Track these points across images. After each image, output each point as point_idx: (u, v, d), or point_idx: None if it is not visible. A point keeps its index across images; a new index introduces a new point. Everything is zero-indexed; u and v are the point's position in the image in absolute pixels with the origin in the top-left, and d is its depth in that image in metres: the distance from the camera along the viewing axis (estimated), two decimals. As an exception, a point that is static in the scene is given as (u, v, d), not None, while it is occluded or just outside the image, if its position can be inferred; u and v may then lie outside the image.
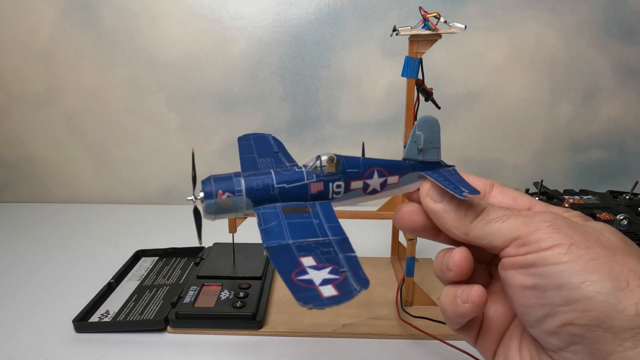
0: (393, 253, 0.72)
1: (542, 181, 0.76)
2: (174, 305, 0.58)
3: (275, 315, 0.58)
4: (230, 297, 0.59)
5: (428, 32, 0.50)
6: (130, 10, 0.90)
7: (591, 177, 1.00)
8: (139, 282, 0.66)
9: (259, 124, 0.96)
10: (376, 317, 0.58)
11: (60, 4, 0.89)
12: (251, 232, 0.32)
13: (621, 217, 0.63)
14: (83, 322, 0.56)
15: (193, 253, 0.73)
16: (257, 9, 0.90)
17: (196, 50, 0.92)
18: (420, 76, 0.53)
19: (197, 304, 0.58)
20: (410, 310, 0.58)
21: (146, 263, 0.72)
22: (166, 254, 0.74)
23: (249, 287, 0.61)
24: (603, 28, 0.91)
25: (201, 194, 0.33)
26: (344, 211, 0.58)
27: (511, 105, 0.96)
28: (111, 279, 0.64)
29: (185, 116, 0.96)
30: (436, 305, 0.58)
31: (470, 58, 0.93)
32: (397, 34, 0.51)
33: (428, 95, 0.54)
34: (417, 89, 0.54)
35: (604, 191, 0.75)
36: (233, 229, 0.60)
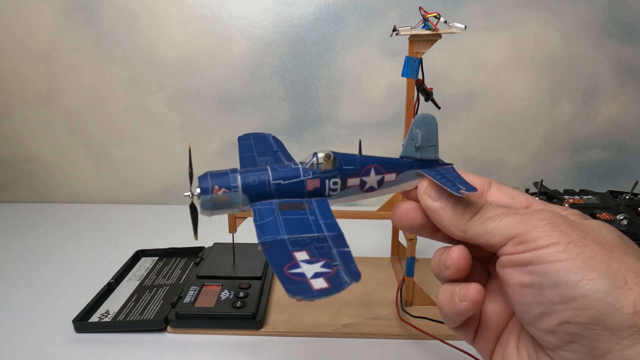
0: (393, 253, 0.72)
1: (542, 181, 0.76)
2: (174, 305, 0.58)
3: (275, 315, 0.58)
4: (230, 297, 0.59)
5: (428, 32, 0.50)
6: (130, 10, 0.90)
7: (591, 177, 1.00)
8: (139, 282, 0.66)
9: (259, 124, 0.96)
10: (376, 317, 0.58)
11: (60, 4, 0.89)
12: (251, 232, 0.32)
13: (621, 217, 0.63)
14: (83, 322, 0.56)
15: (193, 253, 0.73)
16: (257, 9, 0.90)
17: (196, 50, 0.92)
18: (420, 76, 0.53)
19: (197, 304, 0.58)
20: (410, 310, 0.58)
21: (146, 263, 0.72)
22: (166, 254, 0.74)
23: (249, 287, 0.61)
24: (603, 28, 0.91)
25: (198, 190, 0.33)
26: (344, 211, 0.58)
27: (511, 105, 0.96)
28: (111, 279, 0.64)
29: (185, 116, 0.96)
30: (436, 305, 0.58)
31: (470, 58, 0.93)
32: (397, 34, 0.51)
33: (428, 95, 0.54)
34: (417, 89, 0.54)
35: (604, 191, 0.75)
36: (233, 229, 0.60)
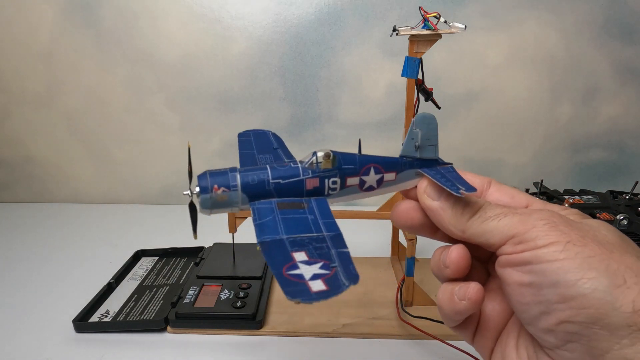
0: (393, 253, 0.72)
1: (542, 181, 0.76)
2: (174, 305, 0.58)
3: (275, 315, 0.58)
4: (230, 297, 0.59)
5: (428, 32, 0.50)
6: (130, 10, 0.90)
7: (591, 177, 1.00)
8: (139, 282, 0.66)
9: (259, 124, 0.96)
10: (376, 317, 0.58)
11: (60, 4, 0.89)
12: (251, 232, 0.32)
13: (621, 217, 0.63)
14: (83, 322, 0.56)
15: (193, 253, 0.73)
16: (257, 9, 0.90)
17: (196, 50, 0.92)
18: (420, 76, 0.53)
19: (197, 304, 0.58)
20: (410, 310, 0.57)
21: (146, 263, 0.72)
22: (166, 254, 0.74)
23: (249, 287, 0.61)
24: (603, 28, 0.91)
25: (197, 189, 0.33)
26: (344, 211, 0.58)
27: (511, 105, 0.96)
28: (111, 279, 0.64)
29: (185, 116, 0.96)
30: (436, 305, 0.58)
31: (470, 58, 0.93)
32: (397, 34, 0.51)
33: (428, 95, 0.54)
34: (417, 89, 0.54)
35: (604, 191, 0.75)
36: (233, 229, 0.60)
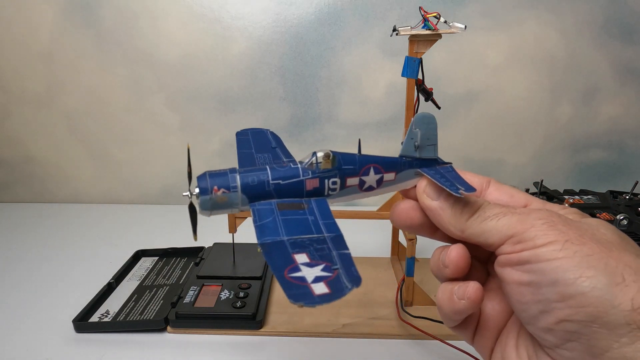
0: (393, 253, 0.72)
1: (542, 181, 0.76)
2: (174, 305, 0.58)
3: (275, 315, 0.58)
4: (230, 297, 0.59)
5: (428, 32, 0.50)
6: (130, 10, 0.90)
7: (591, 177, 1.00)
8: (139, 282, 0.66)
9: (259, 124, 0.95)
10: (376, 317, 0.58)
11: (60, 4, 0.89)
12: (251, 232, 0.32)
13: (621, 217, 0.63)
14: (83, 322, 0.56)
15: (193, 253, 0.73)
16: (257, 9, 0.90)
17: (196, 50, 0.92)
18: (420, 76, 0.53)
19: (197, 304, 0.58)
20: (410, 310, 0.58)
21: (146, 263, 0.72)
22: (166, 254, 0.74)
23: (249, 287, 0.61)
24: (603, 28, 0.91)
25: (197, 190, 0.33)
26: (344, 211, 0.58)
27: (511, 105, 0.96)
28: (111, 279, 0.64)
29: (185, 116, 0.96)
30: (436, 305, 0.58)
31: (470, 58, 0.93)
32: (397, 34, 0.51)
33: (428, 95, 0.54)
34: (417, 89, 0.54)
35: (604, 191, 0.75)
36: (233, 229, 0.60)
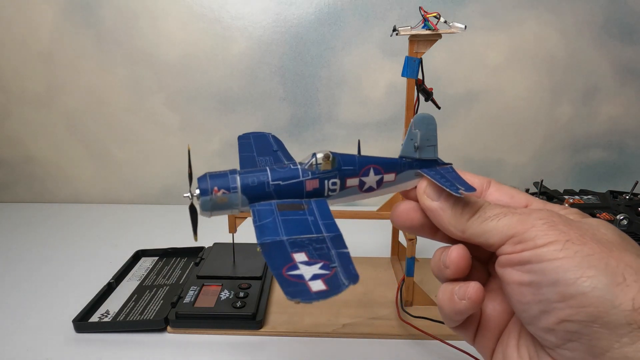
0: (393, 253, 0.72)
1: (542, 181, 0.76)
2: (174, 305, 0.58)
3: (275, 315, 0.58)
4: (230, 297, 0.59)
5: (428, 32, 0.50)
6: (130, 10, 0.90)
7: (591, 177, 1.00)
8: (139, 282, 0.66)
9: (259, 124, 0.96)
10: (376, 317, 0.58)
11: (60, 4, 0.89)
12: (251, 232, 0.32)
13: (621, 217, 0.63)
14: (83, 322, 0.56)
15: (193, 253, 0.73)
16: (257, 9, 0.90)
17: (196, 50, 0.92)
18: (420, 76, 0.53)
19: (197, 304, 0.58)
20: (410, 310, 0.58)
21: (146, 263, 0.72)
22: (166, 254, 0.74)
23: (249, 287, 0.61)
24: (603, 28, 0.91)
25: (197, 191, 0.33)
26: (344, 211, 0.58)
27: (511, 105, 0.96)
28: (111, 279, 0.64)
29: (185, 116, 0.96)
30: (436, 305, 0.58)
31: (470, 58, 0.93)
32: (397, 34, 0.51)
33: (428, 95, 0.54)
34: (417, 89, 0.54)
35: (604, 191, 0.75)
36: (233, 229, 0.60)
